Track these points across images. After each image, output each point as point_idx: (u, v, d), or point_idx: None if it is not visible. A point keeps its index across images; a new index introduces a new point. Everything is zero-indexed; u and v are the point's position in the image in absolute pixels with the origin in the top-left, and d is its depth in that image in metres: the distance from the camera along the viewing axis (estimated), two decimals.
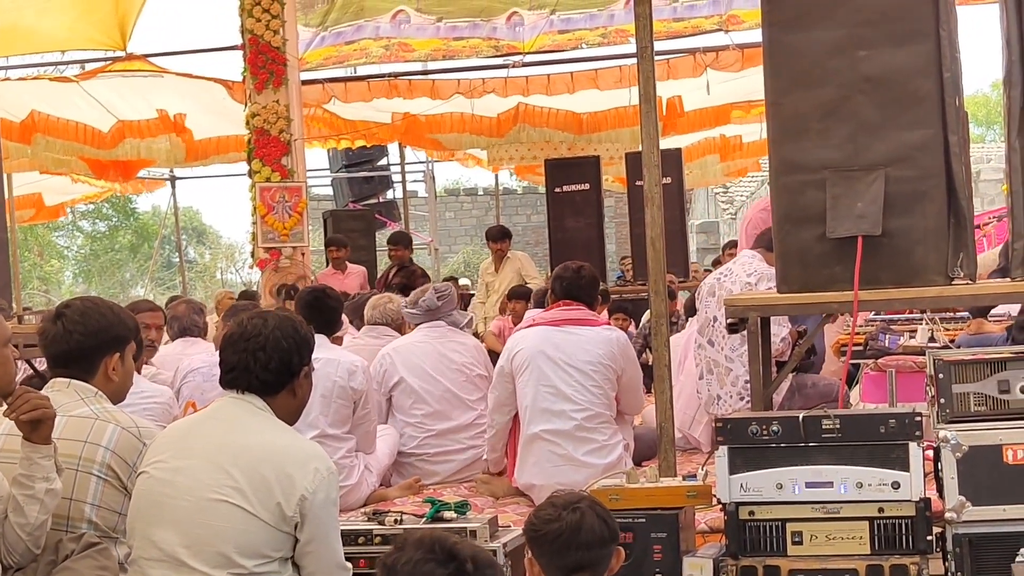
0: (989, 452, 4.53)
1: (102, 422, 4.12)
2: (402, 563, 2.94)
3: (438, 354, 7.59)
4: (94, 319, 4.26)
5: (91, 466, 4.05)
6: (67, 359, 4.26)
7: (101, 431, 4.09)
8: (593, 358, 6.72)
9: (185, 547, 3.79)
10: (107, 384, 4.28)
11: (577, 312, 6.89)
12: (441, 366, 7.57)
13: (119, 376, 4.32)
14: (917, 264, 5.33)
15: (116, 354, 4.30)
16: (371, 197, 20.09)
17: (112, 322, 4.31)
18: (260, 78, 12.12)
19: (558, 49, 14.71)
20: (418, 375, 7.56)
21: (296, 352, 4.03)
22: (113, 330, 4.30)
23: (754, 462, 4.67)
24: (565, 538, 3.74)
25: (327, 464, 3.92)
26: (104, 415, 4.14)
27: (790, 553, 4.61)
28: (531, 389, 6.75)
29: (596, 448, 6.67)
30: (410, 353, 7.62)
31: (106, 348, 4.28)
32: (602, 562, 3.80)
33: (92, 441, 4.07)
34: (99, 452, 4.06)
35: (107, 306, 4.39)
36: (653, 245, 5.64)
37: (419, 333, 7.77)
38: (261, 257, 12.22)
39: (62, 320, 4.26)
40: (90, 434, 4.08)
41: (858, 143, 5.37)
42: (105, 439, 4.08)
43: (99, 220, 43.79)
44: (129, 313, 4.51)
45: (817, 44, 5.43)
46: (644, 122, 5.66)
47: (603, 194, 15.43)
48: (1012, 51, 5.32)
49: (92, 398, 4.20)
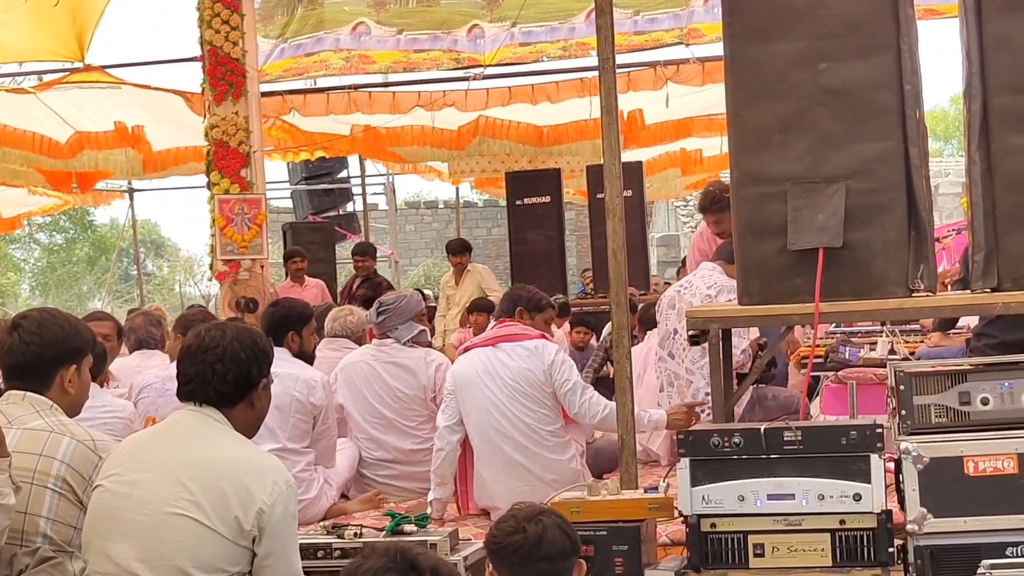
0: (950, 464, 4.53)
1: (57, 435, 4.07)
2: (363, 571, 2.93)
3: (376, 376, 7.55)
4: (51, 330, 4.22)
5: (46, 480, 4.00)
6: (23, 371, 4.20)
7: (56, 444, 4.04)
8: (523, 373, 6.74)
9: (141, 561, 3.74)
10: (63, 397, 4.23)
11: (510, 328, 6.92)
12: (378, 391, 7.54)
13: (75, 389, 4.28)
14: (877, 276, 5.33)
15: (73, 366, 4.26)
16: (331, 210, 20.03)
17: (69, 333, 4.26)
18: (219, 90, 12.05)
19: (519, 62, 14.70)
20: (356, 400, 7.56)
21: (255, 364, 3.99)
22: (70, 342, 4.26)
23: (716, 474, 4.66)
24: (526, 551, 3.72)
25: (286, 477, 3.88)
26: (59, 428, 4.09)
27: (752, 565, 4.60)
28: (475, 412, 6.76)
29: (549, 463, 6.67)
30: (352, 374, 7.60)
31: (62, 360, 4.24)
32: (564, 575, 3.78)
33: (47, 454, 4.02)
34: (54, 465, 4.01)
35: (64, 318, 4.35)
36: (615, 257, 5.62)
37: (365, 351, 7.78)
38: (220, 270, 12.14)
39: (18, 331, 4.21)
40: (45, 447, 4.03)
41: (819, 155, 5.37)
42: (60, 452, 4.03)
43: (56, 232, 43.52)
44: (86, 326, 4.47)
45: (778, 56, 5.43)
46: (606, 134, 5.64)
47: (564, 207, 15.44)
48: (972, 64, 5.34)
49: (48, 411, 4.15)
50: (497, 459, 6.70)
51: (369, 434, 7.52)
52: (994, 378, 4.69)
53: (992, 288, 5.33)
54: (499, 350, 6.84)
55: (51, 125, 15.14)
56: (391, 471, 7.50)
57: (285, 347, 6.98)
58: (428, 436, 7.28)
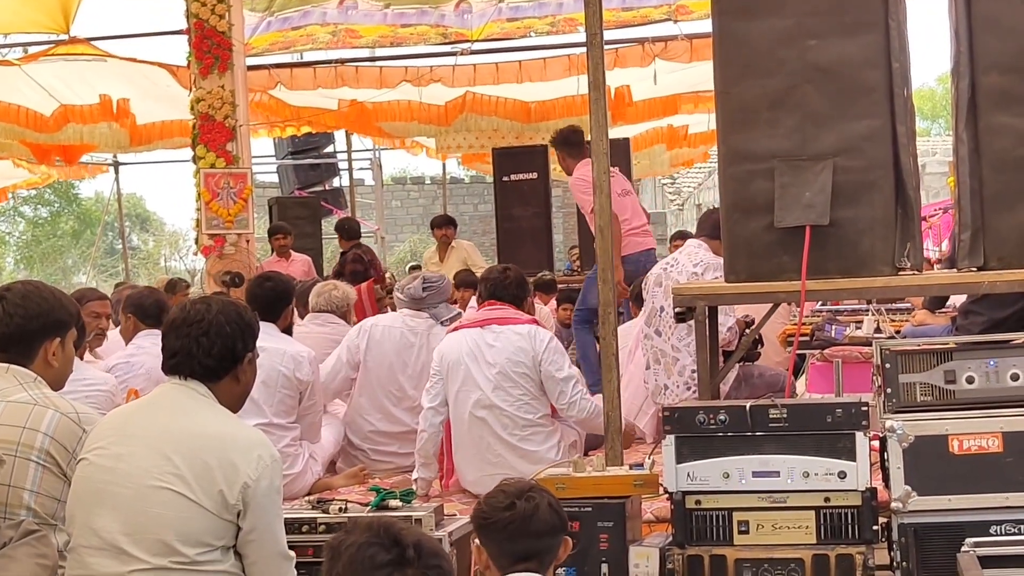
0: (935, 442, 4.54)
1: (41, 408, 4.05)
2: (347, 545, 2.93)
3: (409, 347, 7.52)
4: (35, 302, 4.19)
5: (29, 452, 3.98)
6: (6, 342, 4.18)
7: (40, 417, 4.03)
8: (510, 357, 6.68)
9: (125, 535, 3.74)
10: (46, 370, 4.21)
11: (500, 311, 6.85)
12: (407, 362, 7.51)
13: (59, 362, 4.25)
14: (864, 254, 5.34)
15: (57, 339, 4.23)
16: (317, 185, 19.98)
17: (54, 306, 4.24)
18: (205, 63, 11.98)
19: (506, 37, 14.65)
20: (379, 364, 7.50)
21: (240, 338, 3.98)
22: (55, 314, 4.23)
23: (701, 451, 4.67)
24: (516, 527, 3.74)
25: (271, 452, 3.88)
26: (43, 401, 4.07)
27: (736, 542, 4.62)
28: (456, 395, 6.73)
29: (526, 452, 6.65)
30: (385, 338, 7.54)
31: (47, 332, 4.21)
32: (551, 551, 3.80)
33: (31, 427, 4.00)
34: (38, 438, 4.00)
35: (49, 290, 4.32)
36: (602, 233, 5.61)
37: (402, 320, 7.67)
38: (205, 244, 12.10)
39: (3, 302, 4.19)
40: (28, 420, 4.01)
41: (806, 133, 5.37)
42: (44, 425, 4.01)
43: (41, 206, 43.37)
44: (71, 299, 4.45)
45: (767, 33, 5.43)
46: (593, 110, 5.63)
47: (551, 183, 15.40)
48: (960, 43, 5.34)
49: (31, 384, 4.13)
50: (473, 444, 6.68)
51: (380, 403, 7.49)
52: (979, 357, 4.71)
53: (978, 267, 5.34)
54: (488, 331, 6.77)
55: (36, 98, 15.06)
56: (388, 448, 7.48)
57: (276, 322, 6.96)
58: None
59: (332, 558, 2.97)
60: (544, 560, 3.78)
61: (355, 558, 2.91)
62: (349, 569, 2.92)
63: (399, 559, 2.91)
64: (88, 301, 7.33)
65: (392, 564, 2.91)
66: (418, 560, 2.92)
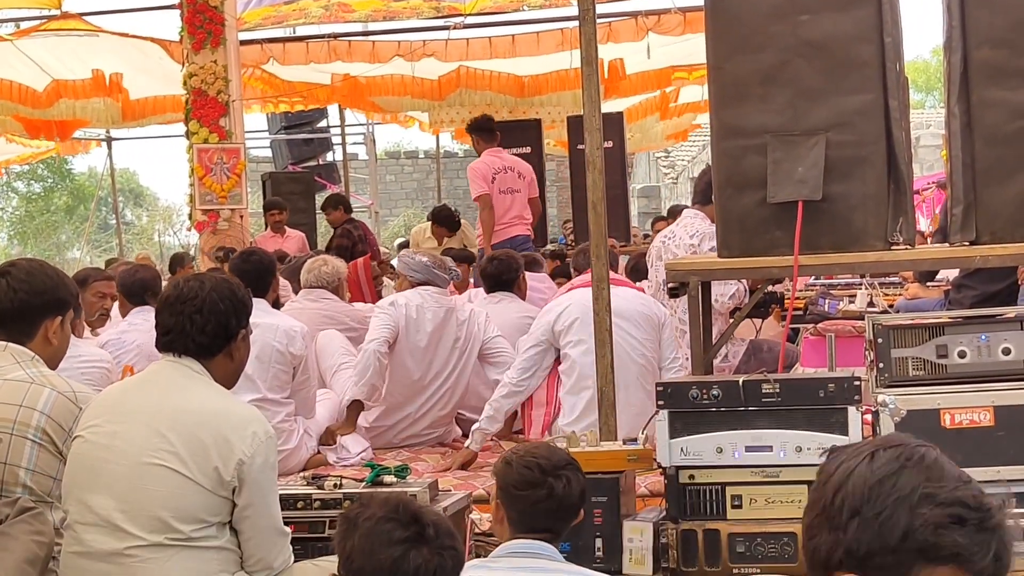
0: (927, 416, 4.56)
1: (38, 386, 4.06)
2: (364, 518, 2.95)
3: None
4: (40, 280, 4.21)
5: (26, 430, 3.99)
6: (8, 318, 4.18)
7: (36, 395, 4.04)
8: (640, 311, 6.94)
9: (121, 511, 3.75)
10: (45, 347, 4.22)
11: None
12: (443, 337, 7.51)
13: (58, 340, 4.27)
14: (857, 229, 5.35)
15: (58, 318, 4.25)
16: (311, 159, 19.95)
17: (57, 284, 4.26)
18: (197, 38, 11.96)
19: (500, 11, 14.63)
20: (416, 340, 7.45)
21: (233, 314, 3.98)
22: (57, 292, 4.25)
23: (694, 426, 4.68)
24: (546, 505, 3.78)
25: (265, 428, 3.89)
26: (40, 379, 4.08)
27: (730, 517, 4.64)
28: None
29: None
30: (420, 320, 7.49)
31: (48, 310, 4.22)
32: (569, 525, 3.86)
33: (27, 405, 4.02)
34: (34, 416, 4.01)
35: (52, 269, 4.34)
36: (595, 209, 5.62)
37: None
38: (199, 219, 12.10)
39: (7, 278, 4.19)
40: (25, 398, 4.02)
41: (798, 108, 5.37)
42: (40, 403, 4.02)
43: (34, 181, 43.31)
44: (71, 280, 4.46)
45: (758, 8, 5.42)
46: (585, 85, 5.63)
47: (544, 158, 15.38)
48: (952, 17, 5.34)
49: (28, 362, 4.14)
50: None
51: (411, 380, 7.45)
52: (971, 331, 4.73)
53: (970, 241, 5.35)
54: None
55: (28, 73, 15.02)
56: (412, 430, 7.52)
57: (265, 297, 6.97)
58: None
59: (346, 530, 2.99)
60: (561, 532, 3.84)
61: (372, 532, 2.93)
62: (365, 542, 2.94)
63: (417, 536, 2.93)
64: (94, 281, 7.36)
65: (409, 541, 2.93)
66: (435, 539, 2.94)
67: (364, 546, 2.93)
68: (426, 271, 7.53)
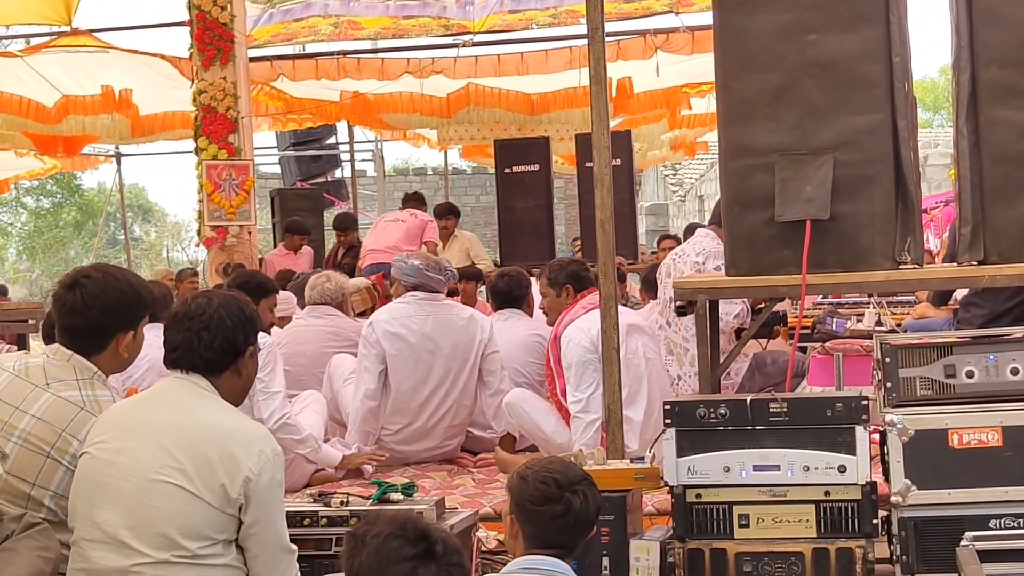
0: (935, 436, 4.55)
1: (86, 413, 3.96)
2: (371, 536, 2.95)
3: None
4: (114, 295, 4.08)
5: (62, 456, 3.93)
6: (79, 333, 4.08)
7: (82, 423, 3.94)
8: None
9: (128, 528, 3.74)
10: (114, 359, 4.12)
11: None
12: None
13: (129, 352, 4.17)
14: (865, 248, 5.35)
15: (130, 332, 4.15)
16: (319, 176, 19.96)
17: (133, 300, 4.12)
18: (207, 55, 12.00)
19: (508, 29, 14.65)
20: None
21: (241, 331, 3.98)
22: (133, 308, 4.13)
23: (702, 445, 4.68)
24: (562, 521, 3.78)
25: (272, 445, 3.88)
26: (91, 406, 3.99)
27: (737, 536, 4.63)
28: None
29: None
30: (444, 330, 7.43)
31: (122, 326, 4.11)
32: (583, 540, 3.87)
33: (70, 433, 3.94)
34: (73, 444, 3.94)
35: (128, 280, 4.18)
36: (603, 227, 5.62)
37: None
38: (207, 235, 12.11)
39: (80, 291, 4.06)
40: (71, 425, 3.94)
41: (806, 127, 5.38)
42: (83, 433, 3.96)
43: (43, 196, 43.35)
44: (148, 286, 4.32)
45: (767, 27, 5.43)
46: (594, 103, 5.63)
47: (552, 175, 15.39)
48: (961, 36, 5.35)
49: (88, 381, 4.02)
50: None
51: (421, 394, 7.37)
52: (979, 351, 4.71)
53: (979, 260, 5.35)
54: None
55: (38, 89, 15.06)
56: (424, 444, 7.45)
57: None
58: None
59: (354, 547, 2.99)
60: (575, 548, 3.84)
61: (380, 549, 2.93)
62: (373, 559, 2.93)
63: (425, 553, 2.93)
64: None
65: (417, 558, 2.92)
66: (443, 556, 2.94)
67: (372, 563, 2.93)
68: (418, 274, 7.46)
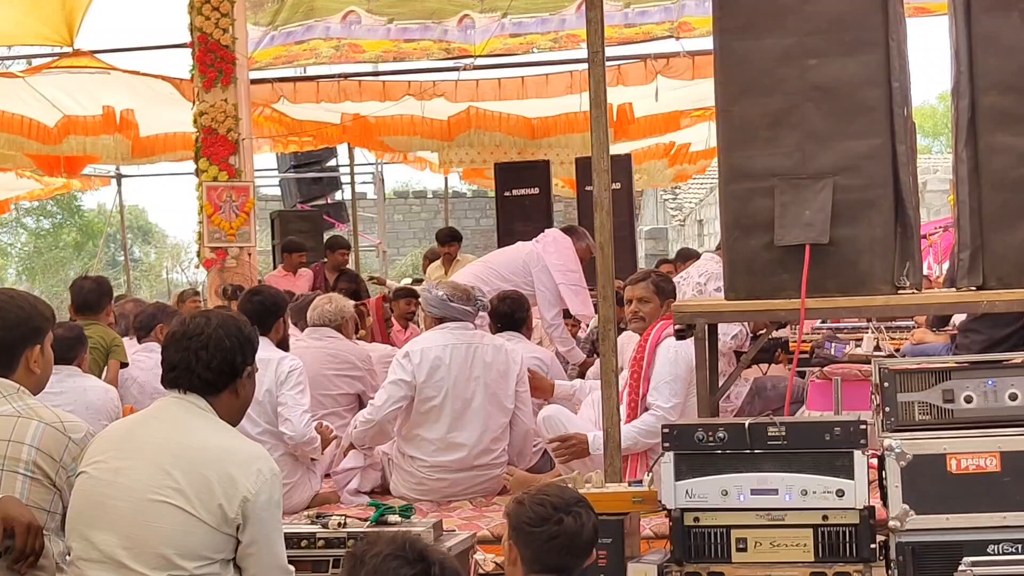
0: (933, 461, 4.55)
1: (25, 419, 4.01)
2: (370, 555, 2.95)
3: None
4: (12, 313, 4.14)
5: (17, 465, 3.96)
6: None
7: (24, 429, 3.99)
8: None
9: (125, 549, 3.74)
10: (29, 377, 4.17)
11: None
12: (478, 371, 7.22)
13: (40, 368, 4.22)
14: (864, 273, 5.36)
15: (36, 347, 4.20)
16: (319, 198, 19.97)
17: (31, 314, 4.18)
18: (208, 76, 11.99)
19: (509, 53, 14.68)
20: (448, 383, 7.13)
21: (239, 351, 3.98)
22: (33, 322, 4.18)
23: (700, 468, 4.67)
24: (560, 542, 3.77)
25: (270, 466, 3.88)
26: (27, 412, 4.04)
27: (735, 560, 4.62)
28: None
29: None
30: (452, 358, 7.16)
31: (26, 341, 4.16)
32: (582, 565, 3.85)
33: (16, 440, 3.97)
34: (24, 450, 3.97)
35: (23, 298, 4.26)
36: (602, 250, 5.63)
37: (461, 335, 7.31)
38: (207, 257, 12.09)
39: None
40: (13, 432, 3.98)
41: (806, 151, 5.39)
42: (29, 437, 3.98)
43: (43, 217, 43.37)
44: (44, 303, 4.39)
45: (767, 52, 5.45)
46: (594, 127, 5.64)
47: (552, 199, 15.42)
48: (960, 63, 5.36)
49: (14, 395, 4.09)
50: None
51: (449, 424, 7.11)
52: (978, 376, 4.71)
53: (977, 286, 5.35)
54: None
55: (39, 109, 15.07)
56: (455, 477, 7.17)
57: (268, 335, 6.96)
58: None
59: (353, 567, 2.99)
60: (572, 572, 3.83)
61: (379, 569, 2.93)
62: None
63: (423, 574, 2.93)
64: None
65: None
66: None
67: None
68: (442, 306, 7.26)
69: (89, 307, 8.36)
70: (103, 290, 8.58)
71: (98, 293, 8.48)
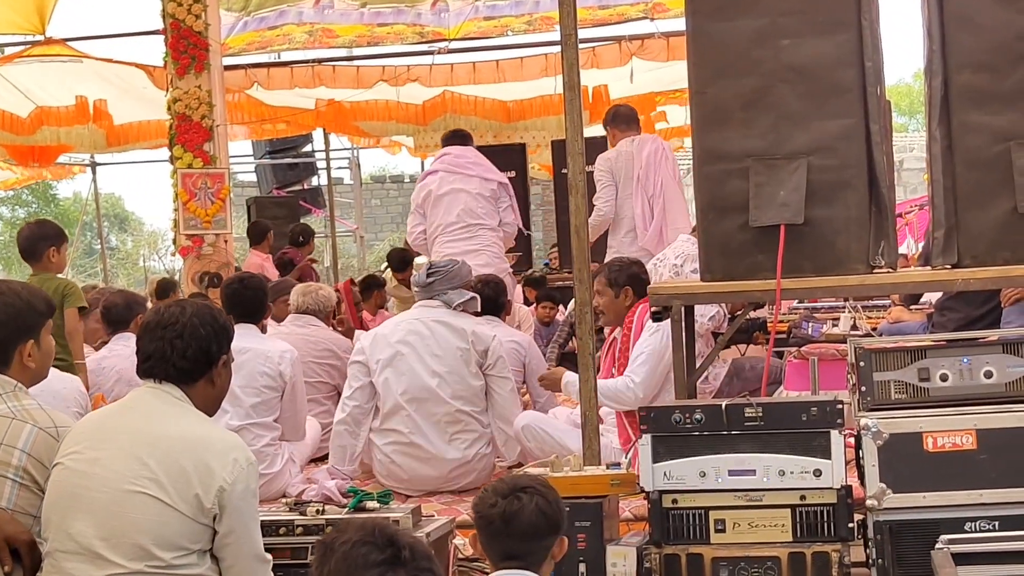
0: (909, 440, 4.56)
1: (19, 422, 3.95)
2: (340, 543, 2.94)
3: (428, 335, 6.96)
4: (3, 308, 4.10)
5: (6, 469, 3.91)
6: None
7: (17, 432, 3.94)
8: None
9: (102, 539, 3.72)
10: (24, 372, 4.12)
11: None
12: (432, 349, 6.96)
13: (36, 361, 4.17)
14: (839, 253, 5.37)
15: (31, 340, 4.16)
16: (295, 184, 19.92)
17: (22, 309, 4.12)
18: (182, 63, 11.95)
19: (484, 36, 14.64)
20: (397, 364, 6.97)
21: (214, 340, 3.97)
22: (24, 317, 4.12)
23: (677, 450, 4.68)
24: (496, 527, 3.72)
25: (247, 455, 3.87)
26: (21, 414, 3.98)
27: (713, 541, 4.63)
28: None
29: None
30: (402, 337, 7.01)
31: (20, 336, 4.11)
32: (536, 553, 3.74)
33: (7, 443, 3.92)
34: (15, 455, 3.91)
35: (14, 291, 4.19)
36: (577, 233, 5.62)
37: (410, 314, 7.22)
38: (183, 244, 12.06)
39: None
40: (6, 436, 3.93)
41: (781, 132, 5.40)
42: (21, 441, 3.92)
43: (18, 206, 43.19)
44: (39, 293, 4.32)
45: (740, 33, 5.45)
46: (568, 110, 5.64)
47: (529, 182, 15.40)
48: (933, 41, 5.37)
49: (9, 394, 4.03)
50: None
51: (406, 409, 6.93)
52: (953, 355, 4.73)
53: (952, 264, 5.37)
54: None
55: (12, 99, 14.99)
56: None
57: (257, 323, 6.93)
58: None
59: (323, 555, 2.98)
60: (531, 560, 3.72)
61: (348, 556, 2.92)
62: (342, 566, 2.92)
63: (392, 559, 2.92)
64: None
65: (385, 564, 2.91)
66: (412, 562, 2.93)
67: (341, 570, 2.92)
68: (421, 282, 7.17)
69: (30, 254, 7.65)
70: (43, 233, 7.77)
71: (35, 237, 7.68)
